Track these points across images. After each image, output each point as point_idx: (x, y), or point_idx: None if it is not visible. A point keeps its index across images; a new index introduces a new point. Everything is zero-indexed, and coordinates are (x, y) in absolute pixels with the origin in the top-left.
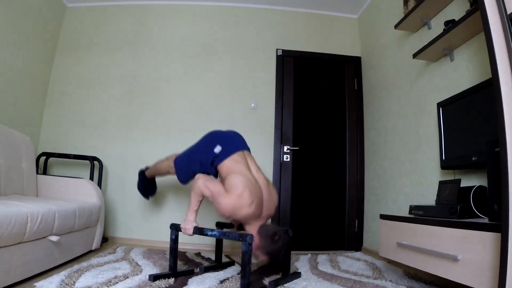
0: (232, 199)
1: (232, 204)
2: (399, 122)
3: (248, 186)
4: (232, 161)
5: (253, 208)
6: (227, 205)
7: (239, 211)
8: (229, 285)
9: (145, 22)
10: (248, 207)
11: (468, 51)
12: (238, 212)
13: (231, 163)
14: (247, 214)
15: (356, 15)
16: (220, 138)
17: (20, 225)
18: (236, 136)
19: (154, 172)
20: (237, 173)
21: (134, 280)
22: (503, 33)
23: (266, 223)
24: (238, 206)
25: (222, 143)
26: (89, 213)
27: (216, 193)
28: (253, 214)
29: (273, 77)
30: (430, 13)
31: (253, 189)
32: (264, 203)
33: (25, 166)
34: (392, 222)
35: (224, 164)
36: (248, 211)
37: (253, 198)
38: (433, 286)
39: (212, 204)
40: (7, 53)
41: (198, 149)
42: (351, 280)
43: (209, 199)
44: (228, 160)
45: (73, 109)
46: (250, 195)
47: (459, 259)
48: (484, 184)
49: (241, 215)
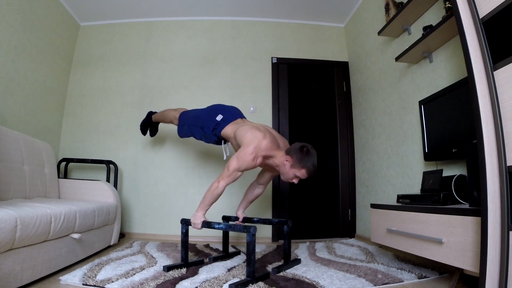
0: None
1: (250, 147)
2: (385, 120)
3: (254, 127)
4: (233, 124)
5: (268, 138)
6: (248, 150)
7: (259, 147)
8: (236, 272)
9: (152, 37)
10: (264, 138)
11: (445, 53)
12: (260, 149)
13: (232, 126)
14: (268, 146)
15: (342, 24)
16: (222, 109)
17: (45, 225)
18: (235, 109)
19: (160, 117)
20: (241, 126)
21: (149, 271)
22: (477, 35)
23: (291, 145)
24: (256, 143)
25: (223, 113)
26: (107, 212)
27: (235, 158)
28: (271, 144)
29: (269, 83)
30: (409, 20)
31: (260, 127)
32: (277, 138)
33: (47, 171)
34: (382, 210)
35: (227, 129)
36: (267, 143)
37: (263, 131)
38: (421, 267)
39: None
40: (28, 69)
41: (202, 116)
42: (346, 264)
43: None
44: (229, 125)
45: (89, 118)
46: (259, 131)
47: (444, 242)
48: (464, 173)
49: (264, 149)
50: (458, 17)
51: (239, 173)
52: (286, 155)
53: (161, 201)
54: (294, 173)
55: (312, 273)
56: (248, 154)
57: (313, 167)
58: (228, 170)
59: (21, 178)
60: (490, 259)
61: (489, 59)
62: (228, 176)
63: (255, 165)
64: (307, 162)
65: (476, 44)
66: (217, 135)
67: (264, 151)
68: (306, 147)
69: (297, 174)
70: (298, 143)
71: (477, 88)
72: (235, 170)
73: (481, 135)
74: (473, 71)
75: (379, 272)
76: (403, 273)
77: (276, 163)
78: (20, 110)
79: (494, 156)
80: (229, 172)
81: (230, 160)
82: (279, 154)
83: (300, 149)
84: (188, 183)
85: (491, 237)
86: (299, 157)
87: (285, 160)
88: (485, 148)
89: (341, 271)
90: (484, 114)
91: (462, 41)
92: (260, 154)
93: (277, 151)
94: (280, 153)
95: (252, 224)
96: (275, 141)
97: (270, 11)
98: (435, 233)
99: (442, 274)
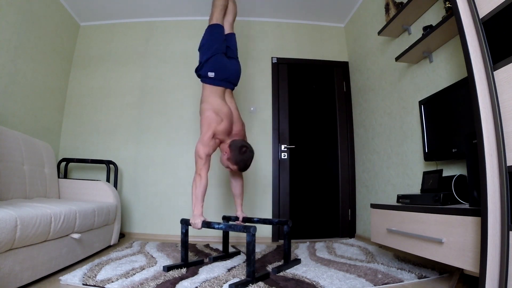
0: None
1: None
2: (385, 120)
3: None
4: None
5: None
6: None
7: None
8: (236, 272)
9: (151, 37)
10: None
11: (445, 53)
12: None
13: (210, 91)
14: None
15: (342, 24)
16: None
17: (45, 225)
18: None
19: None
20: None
21: (150, 271)
22: (477, 35)
23: (236, 139)
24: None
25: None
26: (107, 212)
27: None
28: (225, 129)
29: (269, 83)
30: (409, 20)
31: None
32: (234, 123)
33: (47, 171)
34: (382, 210)
35: (206, 88)
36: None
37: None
38: (421, 267)
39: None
40: (28, 69)
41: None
42: (346, 264)
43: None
44: (209, 87)
45: (88, 118)
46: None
47: (444, 242)
48: (464, 173)
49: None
50: (458, 17)
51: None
52: (228, 147)
53: (161, 201)
54: (228, 165)
55: (312, 273)
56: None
57: (245, 166)
58: (201, 158)
59: (21, 178)
60: (490, 259)
61: (489, 59)
62: (204, 164)
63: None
64: (240, 162)
65: (476, 44)
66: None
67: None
68: (245, 148)
69: (230, 167)
70: (241, 141)
71: (477, 88)
72: (206, 155)
73: (481, 135)
74: (473, 71)
75: (379, 272)
76: (403, 273)
77: (222, 147)
78: (20, 110)
79: (494, 156)
80: (203, 160)
81: (196, 150)
82: (226, 143)
83: (239, 148)
84: (188, 183)
85: (491, 237)
86: (236, 155)
87: (225, 151)
88: (485, 148)
89: (341, 271)
90: (484, 114)
91: (462, 41)
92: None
93: (227, 138)
94: (227, 142)
95: (252, 224)
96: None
97: (270, 11)
98: (435, 233)
99: (442, 274)
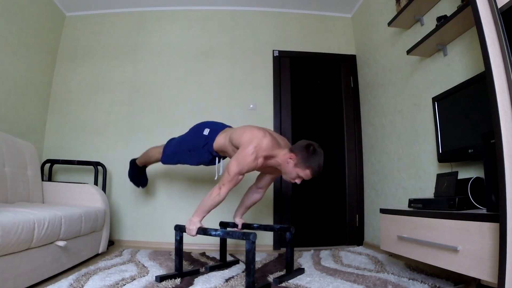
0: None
1: (250, 146)
2: (395, 118)
3: (251, 126)
4: (224, 133)
5: (269, 136)
6: (248, 150)
7: (260, 147)
8: (235, 283)
9: (143, 28)
10: (264, 137)
11: (461, 46)
12: (261, 148)
13: (224, 134)
14: (269, 145)
15: (349, 14)
16: (206, 124)
17: (28, 232)
18: (220, 123)
19: (145, 158)
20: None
21: (141, 281)
22: (495, 27)
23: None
24: (256, 143)
25: (209, 127)
26: (94, 217)
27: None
28: (273, 143)
29: (270, 78)
30: (422, 9)
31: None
32: (277, 137)
33: (30, 173)
34: (392, 216)
35: (219, 139)
36: (268, 141)
37: (263, 130)
38: (434, 277)
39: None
40: (9, 62)
41: (187, 138)
42: (354, 274)
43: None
44: (220, 135)
45: (75, 116)
46: (258, 129)
47: (459, 250)
48: (481, 175)
49: (265, 148)
50: (474, 6)
51: (240, 177)
52: (290, 152)
53: (154, 206)
54: (297, 172)
55: (317, 284)
56: (249, 155)
57: (319, 167)
58: (229, 174)
59: (2, 181)
60: (509, 269)
61: (508, 52)
62: (229, 181)
63: (256, 166)
64: (312, 162)
65: (494, 36)
66: (209, 151)
67: (265, 150)
68: (312, 146)
69: (300, 174)
70: (304, 141)
71: (495, 83)
72: (236, 174)
73: (500, 135)
74: (491, 65)
75: (389, 282)
76: (415, 283)
77: (278, 162)
78: (1, 107)
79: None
80: (230, 177)
81: (229, 164)
82: (281, 153)
83: (306, 147)
84: (184, 187)
85: (510, 244)
86: (304, 156)
87: (289, 157)
88: (504, 148)
89: (348, 281)
90: (503, 112)
91: (479, 32)
92: (261, 155)
93: (278, 150)
94: (283, 152)
95: (251, 231)
96: (276, 140)
97: (272, 0)
98: (450, 240)
99: (457, 284)
